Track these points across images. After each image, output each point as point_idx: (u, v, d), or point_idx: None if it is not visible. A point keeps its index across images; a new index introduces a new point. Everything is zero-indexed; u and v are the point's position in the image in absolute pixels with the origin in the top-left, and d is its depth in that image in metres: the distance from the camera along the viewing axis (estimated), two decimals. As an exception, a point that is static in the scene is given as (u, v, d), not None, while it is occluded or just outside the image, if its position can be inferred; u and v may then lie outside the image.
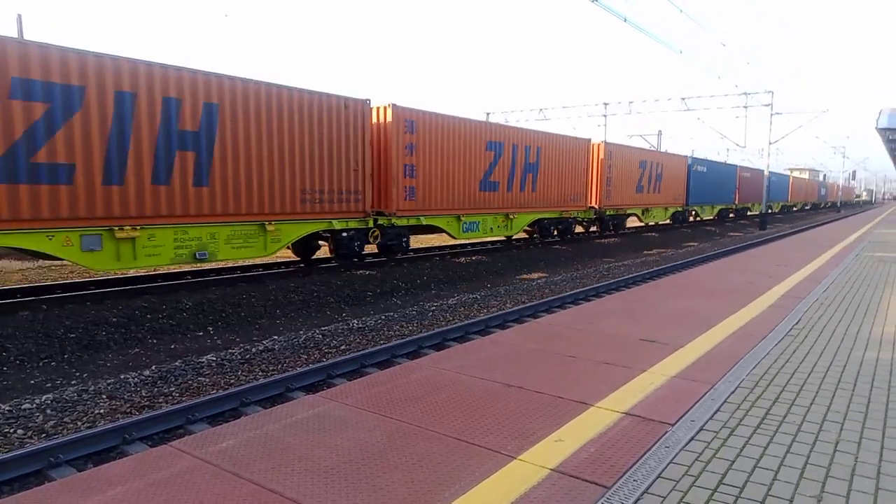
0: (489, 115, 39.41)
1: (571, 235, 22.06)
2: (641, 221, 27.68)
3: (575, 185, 20.95)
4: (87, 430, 5.20)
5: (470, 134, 15.97)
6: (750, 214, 44.73)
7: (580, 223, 23.29)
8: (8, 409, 5.67)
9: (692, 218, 34.32)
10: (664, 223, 30.51)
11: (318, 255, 14.45)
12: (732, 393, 3.92)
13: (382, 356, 7.38)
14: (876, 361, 4.73)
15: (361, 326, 9.12)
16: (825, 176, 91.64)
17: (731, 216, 41.31)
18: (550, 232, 20.68)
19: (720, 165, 37.70)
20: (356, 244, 13.40)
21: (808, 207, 70.93)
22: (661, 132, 41.87)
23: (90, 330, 8.60)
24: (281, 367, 7.24)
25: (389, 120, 13.63)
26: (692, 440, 3.18)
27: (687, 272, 10.14)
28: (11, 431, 5.28)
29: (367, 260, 14.65)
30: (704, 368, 4.43)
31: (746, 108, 34.56)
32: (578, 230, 23.49)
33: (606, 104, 37.89)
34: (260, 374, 6.99)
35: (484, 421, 3.43)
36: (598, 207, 22.51)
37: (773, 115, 33.77)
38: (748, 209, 43.77)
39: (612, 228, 25.01)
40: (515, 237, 20.29)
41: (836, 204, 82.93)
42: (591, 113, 38.46)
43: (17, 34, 13.28)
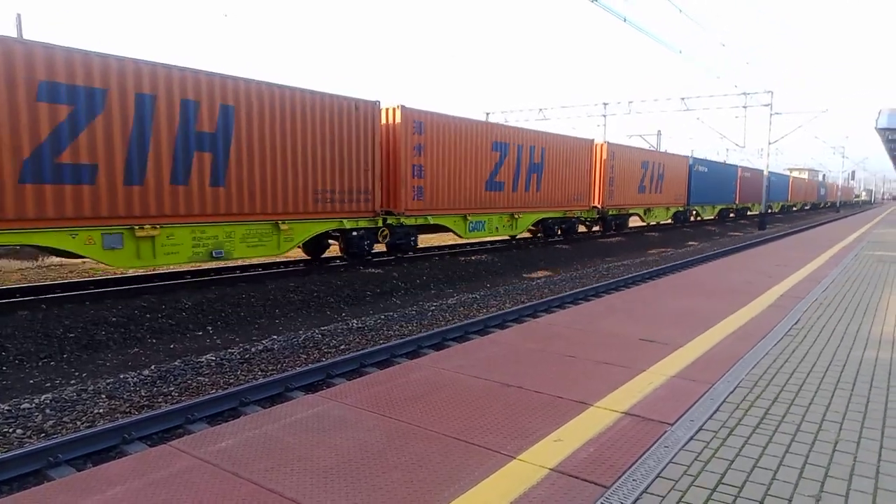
0: (488, 114, 39.40)
1: (575, 235, 22.13)
2: (643, 221, 27.73)
3: (578, 185, 21.04)
4: (86, 429, 5.20)
5: (476, 135, 16.10)
6: (750, 214, 44.76)
7: (583, 223, 23.35)
8: (7, 408, 5.67)
9: (693, 218, 34.36)
10: (665, 223, 30.56)
11: (323, 253, 14.56)
12: (731, 393, 3.92)
13: (382, 356, 7.38)
14: (875, 361, 4.73)
15: (361, 326, 9.12)
16: (824, 176, 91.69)
17: (731, 216, 41.36)
18: (554, 231, 20.77)
19: (721, 166, 37.73)
20: (366, 243, 13.56)
21: (807, 207, 71.00)
22: (660, 132, 41.89)
23: (89, 329, 8.60)
24: (280, 366, 7.23)
25: (398, 121, 13.79)
26: (691, 440, 3.18)
27: (686, 272, 10.15)
28: (10, 431, 5.28)
29: (375, 259, 14.79)
30: (704, 368, 4.43)
31: (746, 108, 34.58)
32: (581, 230, 23.55)
33: (606, 104, 37.89)
34: (259, 373, 6.99)
35: (483, 421, 3.43)
36: (600, 207, 22.59)
37: (772, 115, 33.79)
38: (748, 209, 43.81)
39: (614, 228, 25.08)
40: (519, 236, 20.42)
41: (835, 204, 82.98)
42: (590, 113, 38.48)
43: (16, 34, 13.27)
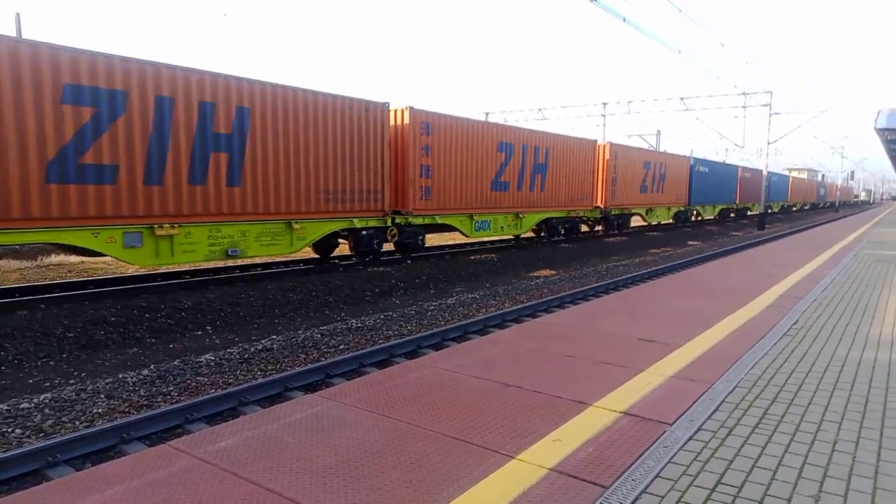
0: (488, 114, 39.37)
1: (578, 234, 22.28)
2: (645, 221, 27.81)
3: (582, 185, 21.21)
4: (85, 429, 5.20)
5: (482, 135, 16.32)
6: (750, 214, 44.85)
7: (586, 222, 23.47)
8: (6, 408, 5.66)
9: (694, 217, 34.42)
10: (667, 223, 30.63)
11: (332, 252, 14.75)
12: (731, 393, 3.92)
13: (381, 356, 7.38)
14: (874, 361, 4.73)
15: (360, 326, 9.12)
16: (823, 176, 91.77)
17: (731, 216, 41.45)
18: (558, 231, 20.94)
19: (721, 166, 37.80)
20: (375, 242, 13.78)
21: (807, 207, 71.09)
22: (659, 132, 41.79)
23: (88, 329, 8.59)
24: (279, 366, 7.23)
25: (406, 122, 14.01)
26: (690, 440, 3.18)
27: (686, 272, 10.15)
28: (9, 431, 5.27)
29: (383, 258, 14.95)
30: (703, 368, 4.43)
31: (745, 108, 34.57)
32: (584, 229, 23.65)
33: (605, 104, 37.88)
34: (258, 373, 6.99)
35: (482, 420, 3.43)
36: (603, 207, 22.72)
37: (771, 115, 33.77)
38: (748, 209, 43.89)
39: (616, 228, 25.20)
40: (523, 236, 20.59)
41: (834, 204, 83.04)
42: (589, 113, 38.47)
43: (15, 33, 13.25)
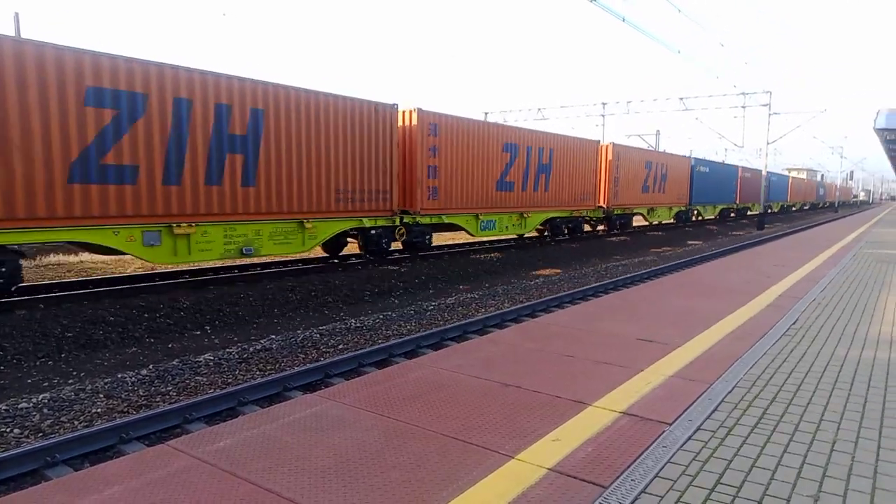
0: (487, 114, 39.38)
1: (581, 234, 22.43)
2: (647, 220, 27.90)
3: (585, 185, 21.38)
4: (83, 429, 5.20)
5: (488, 136, 16.49)
6: (750, 214, 44.97)
7: (588, 222, 23.60)
8: (5, 408, 5.66)
9: (695, 217, 34.48)
10: (668, 222, 30.71)
11: (341, 251, 14.99)
12: (730, 392, 3.92)
13: (380, 355, 7.38)
14: (873, 361, 4.73)
15: (359, 326, 9.12)
16: (823, 176, 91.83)
17: (732, 216, 41.53)
18: (562, 230, 21.10)
19: (722, 166, 37.88)
20: (384, 241, 13.99)
21: (806, 207, 71.16)
22: (659, 132, 41.82)
23: (87, 329, 8.58)
24: (278, 366, 7.23)
25: (414, 123, 14.21)
26: (690, 440, 3.18)
27: (685, 272, 10.15)
28: (8, 431, 5.26)
29: (391, 256, 15.14)
30: (702, 368, 4.43)
31: (744, 108, 34.59)
32: (586, 229, 23.78)
33: (605, 104, 37.91)
34: (257, 373, 6.99)
35: (481, 420, 3.42)
36: (606, 207, 22.87)
37: (771, 115, 33.80)
38: (749, 209, 43.99)
39: (618, 227, 25.32)
40: (527, 235, 20.74)
41: (833, 204, 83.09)
42: (589, 112, 38.48)
43: (14, 33, 13.24)
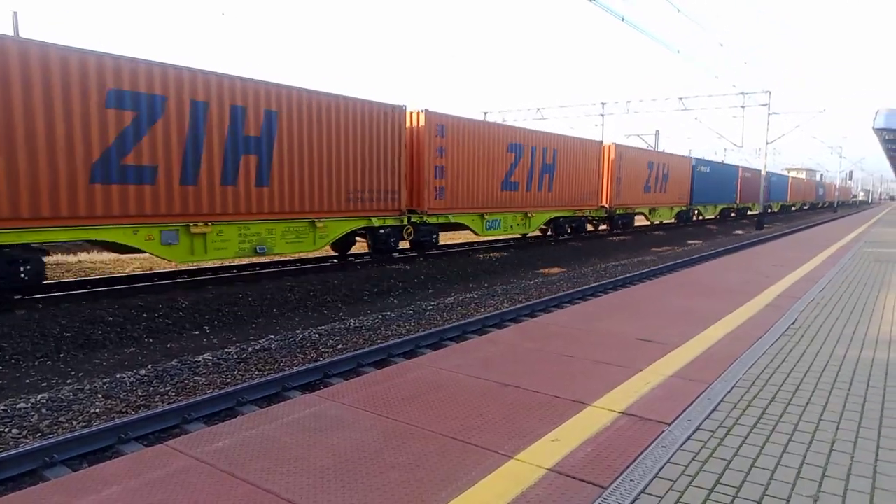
0: (486, 114, 39.35)
1: (584, 233, 22.58)
2: (648, 220, 28.02)
3: (588, 185, 21.58)
4: (82, 429, 5.19)
5: (493, 137, 16.71)
6: (750, 214, 45.08)
7: (591, 221, 23.75)
8: (3, 408, 5.65)
9: (696, 217, 34.56)
10: (669, 222, 30.82)
11: (350, 250, 15.13)
12: (729, 392, 3.92)
13: (379, 355, 7.37)
14: (872, 361, 4.73)
15: (358, 326, 9.12)
16: (822, 176, 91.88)
17: (732, 215, 41.64)
18: (565, 230, 21.27)
19: (722, 166, 37.97)
20: (392, 240, 14.21)
21: (805, 207, 71.25)
22: (658, 132, 41.81)
23: (86, 329, 8.57)
24: (277, 366, 7.22)
25: (422, 124, 14.44)
26: (689, 440, 3.17)
27: (685, 271, 10.16)
28: (6, 431, 5.25)
29: (398, 255, 15.29)
30: (701, 368, 4.43)
31: (744, 107, 34.58)
32: (589, 228, 23.92)
33: (604, 104, 37.87)
34: (256, 373, 6.98)
35: (481, 420, 3.42)
36: (608, 206, 23.04)
37: (770, 114, 33.81)
38: (749, 209, 44.08)
39: (620, 227, 25.47)
40: (530, 235, 20.87)
41: (833, 204, 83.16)
42: (588, 112, 38.46)
43: (13, 32, 13.22)
